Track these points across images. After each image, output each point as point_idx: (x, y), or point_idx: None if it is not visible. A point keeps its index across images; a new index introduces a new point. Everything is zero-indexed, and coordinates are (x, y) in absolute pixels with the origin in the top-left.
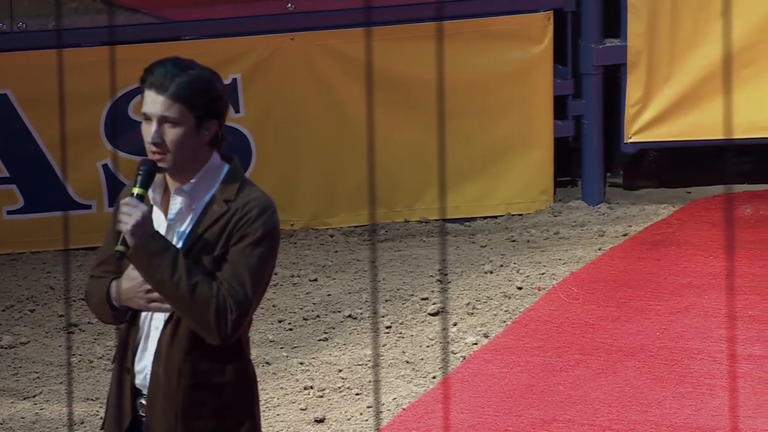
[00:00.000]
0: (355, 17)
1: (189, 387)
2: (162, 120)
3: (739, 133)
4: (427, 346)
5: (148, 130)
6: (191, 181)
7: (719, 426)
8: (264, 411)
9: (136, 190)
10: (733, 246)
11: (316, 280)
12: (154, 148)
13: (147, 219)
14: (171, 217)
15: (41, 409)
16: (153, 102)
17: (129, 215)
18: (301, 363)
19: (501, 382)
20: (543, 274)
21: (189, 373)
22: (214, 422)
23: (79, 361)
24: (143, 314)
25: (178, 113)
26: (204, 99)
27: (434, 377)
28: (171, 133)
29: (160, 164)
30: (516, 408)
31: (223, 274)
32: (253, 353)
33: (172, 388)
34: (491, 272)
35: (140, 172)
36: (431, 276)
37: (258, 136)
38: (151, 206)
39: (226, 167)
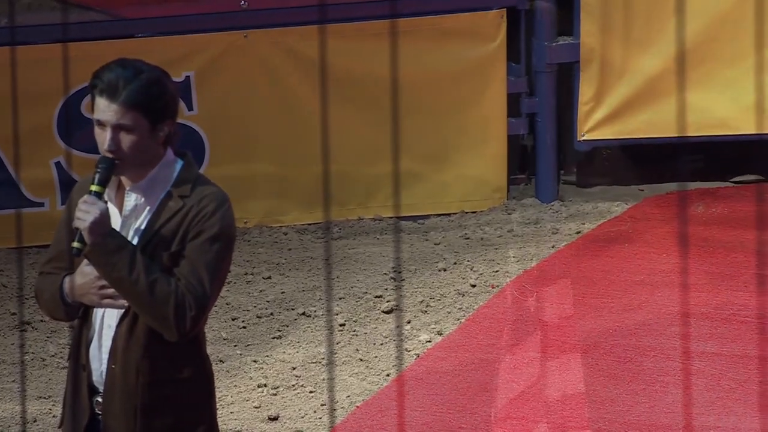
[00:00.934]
0: (308, 15)
1: (147, 384)
2: (117, 128)
3: (692, 131)
4: (381, 344)
5: (103, 137)
6: (146, 177)
7: (673, 423)
8: (218, 409)
9: (94, 188)
10: (686, 243)
11: (269, 277)
12: (110, 154)
13: (105, 216)
14: (126, 214)
15: None
16: (105, 110)
17: (87, 212)
18: (254, 361)
19: (455, 379)
20: (497, 271)
21: (147, 370)
22: (172, 419)
23: (32, 359)
24: (95, 311)
25: (132, 120)
26: (158, 103)
27: (388, 375)
28: (127, 140)
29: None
30: (470, 405)
31: (181, 270)
32: (207, 351)
33: (130, 386)
34: (445, 270)
35: (98, 170)
36: (385, 274)
37: (211, 133)
38: (106, 203)
39: (179, 163)
